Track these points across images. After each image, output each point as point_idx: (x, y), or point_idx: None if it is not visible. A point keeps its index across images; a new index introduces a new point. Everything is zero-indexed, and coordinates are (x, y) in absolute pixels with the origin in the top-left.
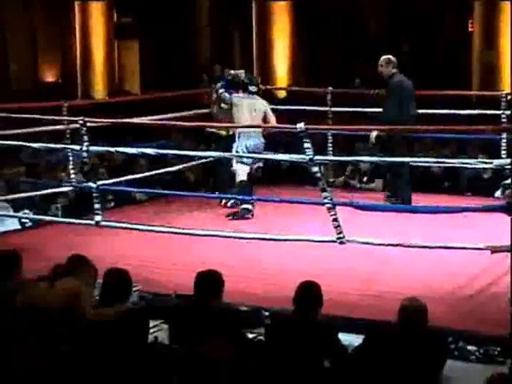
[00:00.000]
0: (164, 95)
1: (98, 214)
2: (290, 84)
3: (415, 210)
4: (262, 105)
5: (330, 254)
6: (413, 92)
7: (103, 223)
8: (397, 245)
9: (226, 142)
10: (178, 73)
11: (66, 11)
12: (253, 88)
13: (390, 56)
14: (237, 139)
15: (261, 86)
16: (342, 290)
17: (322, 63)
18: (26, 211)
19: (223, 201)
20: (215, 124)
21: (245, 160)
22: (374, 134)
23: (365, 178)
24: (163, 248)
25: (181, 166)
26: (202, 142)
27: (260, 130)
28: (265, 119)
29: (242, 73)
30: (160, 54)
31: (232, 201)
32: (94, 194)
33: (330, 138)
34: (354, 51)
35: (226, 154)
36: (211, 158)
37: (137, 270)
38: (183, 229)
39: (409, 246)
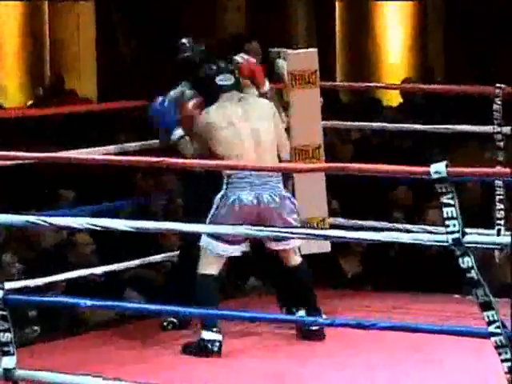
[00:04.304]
0: (141, 104)
1: (7, 354)
2: (409, 79)
3: None
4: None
5: None
6: None
7: (19, 373)
8: None
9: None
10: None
11: None
12: (223, 79)
13: None
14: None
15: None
16: None
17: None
18: None
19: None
20: (248, 165)
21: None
22: None
23: None
24: None
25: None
26: None
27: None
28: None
29: (311, 53)
30: (140, 23)
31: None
32: (0, 312)
33: (502, 190)
34: None
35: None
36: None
37: None
38: None
39: None
